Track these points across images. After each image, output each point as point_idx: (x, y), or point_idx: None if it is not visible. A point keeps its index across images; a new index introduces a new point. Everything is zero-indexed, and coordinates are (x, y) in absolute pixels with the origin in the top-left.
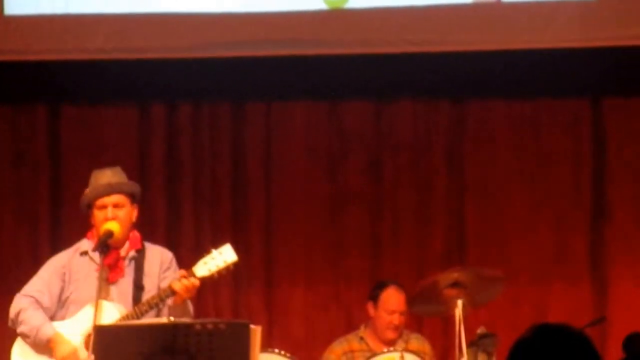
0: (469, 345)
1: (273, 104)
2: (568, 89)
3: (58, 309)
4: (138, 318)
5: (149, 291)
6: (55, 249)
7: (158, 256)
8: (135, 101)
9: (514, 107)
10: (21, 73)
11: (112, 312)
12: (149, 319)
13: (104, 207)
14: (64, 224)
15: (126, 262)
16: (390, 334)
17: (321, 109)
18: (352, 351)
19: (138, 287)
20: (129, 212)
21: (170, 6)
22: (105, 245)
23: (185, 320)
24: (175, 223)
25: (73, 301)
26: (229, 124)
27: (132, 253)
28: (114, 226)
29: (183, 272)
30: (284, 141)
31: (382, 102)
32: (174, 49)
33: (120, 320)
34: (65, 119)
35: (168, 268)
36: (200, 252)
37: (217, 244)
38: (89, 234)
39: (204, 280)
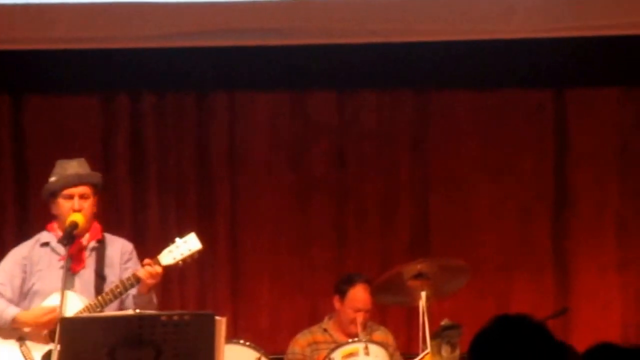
0: (433, 336)
1: (237, 93)
2: (531, 79)
3: (20, 300)
4: (102, 308)
5: (111, 282)
6: (22, 238)
7: (119, 247)
8: (99, 91)
9: (478, 97)
10: None
11: (76, 303)
12: (115, 311)
13: (71, 197)
14: (30, 213)
15: (87, 252)
16: (354, 329)
17: (285, 99)
18: (316, 342)
19: (100, 277)
20: (92, 203)
21: None
22: (71, 237)
23: (151, 311)
24: (140, 213)
25: (36, 292)
26: (193, 113)
27: (93, 243)
28: (78, 218)
29: (148, 260)
30: (248, 131)
31: (346, 92)
32: (138, 39)
33: (84, 310)
34: (29, 109)
35: (129, 259)
36: (166, 241)
37: (182, 234)
38: (49, 225)
39: (168, 268)
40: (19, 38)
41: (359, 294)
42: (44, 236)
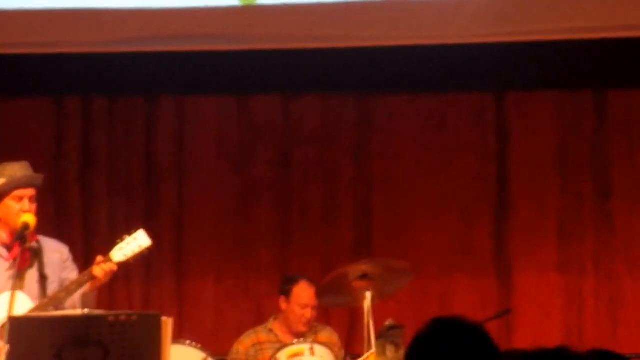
0: (377, 337)
1: (185, 98)
2: (473, 84)
3: None
4: (54, 307)
5: (53, 281)
6: None
7: (55, 247)
8: (51, 94)
9: (420, 102)
10: None
11: (26, 302)
12: (64, 311)
13: (21, 198)
14: None
15: (30, 253)
16: (302, 327)
17: (231, 103)
18: (260, 343)
19: (43, 277)
20: (36, 205)
21: (85, 2)
22: (23, 237)
23: (99, 311)
24: (90, 213)
25: None
26: (142, 117)
27: (34, 244)
28: (30, 218)
29: (100, 257)
30: (195, 134)
31: (290, 96)
32: (89, 44)
33: (36, 308)
34: None
35: (68, 259)
36: (114, 240)
37: (130, 233)
38: None
39: (119, 265)
40: None
41: (304, 291)
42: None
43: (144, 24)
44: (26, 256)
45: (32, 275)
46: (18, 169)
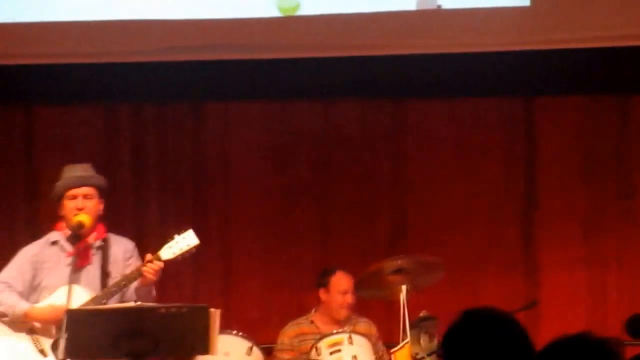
0: (411, 327)
1: (230, 104)
2: (503, 89)
3: (31, 294)
4: (107, 300)
5: (115, 277)
6: (31, 236)
7: (122, 245)
8: (103, 102)
9: (453, 106)
10: None
11: (82, 296)
12: (117, 303)
13: (75, 197)
14: (40, 215)
15: (93, 250)
16: (345, 312)
17: (274, 109)
18: (303, 334)
19: (105, 273)
20: (96, 204)
21: (136, 13)
22: (77, 236)
23: (151, 304)
24: (141, 214)
25: (45, 287)
26: (190, 122)
27: (99, 242)
28: (84, 218)
29: (149, 256)
30: (240, 138)
31: (329, 102)
32: (139, 53)
33: (89, 302)
34: (39, 119)
35: (131, 256)
36: (164, 239)
37: (180, 232)
38: (58, 225)
39: (168, 263)
40: (30, 53)
41: (341, 279)
42: (53, 235)
43: (191, 34)
44: (87, 253)
45: (92, 271)
46: (73, 170)
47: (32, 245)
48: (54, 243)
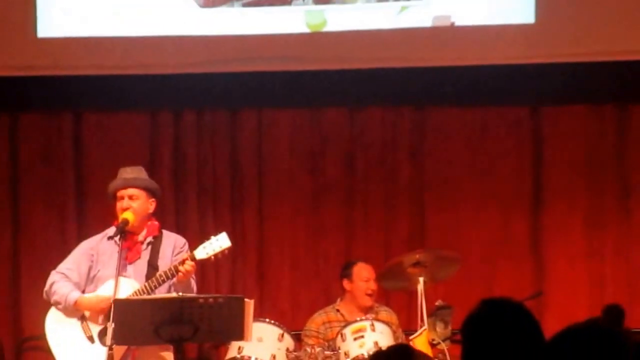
0: (429, 315)
1: (263, 111)
2: (512, 99)
3: (87, 284)
4: (150, 292)
5: (161, 271)
6: (81, 234)
7: (172, 242)
8: (147, 109)
9: (467, 113)
10: (50, 85)
11: (128, 287)
12: (160, 294)
13: (122, 198)
14: (87, 212)
15: (143, 246)
16: (368, 300)
17: (304, 115)
18: (329, 321)
19: (152, 267)
20: (144, 203)
21: (177, 29)
22: (123, 231)
23: (191, 294)
24: (181, 212)
25: (99, 278)
26: (227, 128)
27: (150, 239)
28: (129, 215)
29: (185, 255)
30: (272, 142)
31: (354, 109)
32: (180, 65)
33: (133, 294)
34: (87, 124)
35: (179, 252)
36: (204, 236)
37: (218, 230)
38: (115, 222)
39: (202, 262)
40: (80, 65)
41: (363, 269)
42: (110, 230)
43: (228, 48)
44: (137, 248)
45: (141, 265)
46: (124, 172)
47: (91, 239)
48: (110, 238)
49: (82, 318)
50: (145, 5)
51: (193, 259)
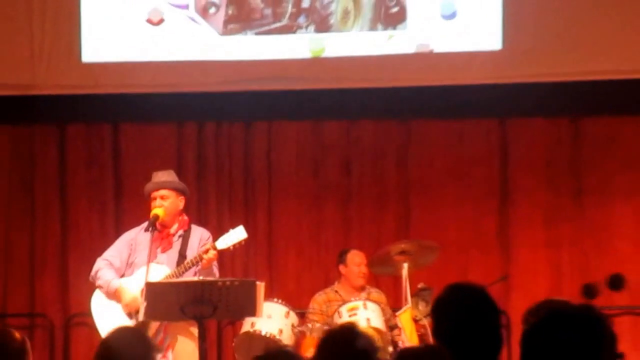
0: (412, 296)
1: (273, 123)
2: (483, 113)
3: (127, 269)
4: (178, 276)
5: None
6: (118, 226)
7: (199, 235)
8: (174, 122)
9: (445, 126)
10: (92, 102)
11: (161, 272)
12: (186, 278)
13: (154, 198)
14: (124, 209)
15: (175, 238)
16: (361, 281)
17: (307, 127)
18: (329, 301)
19: (182, 256)
20: (174, 202)
21: (200, 54)
22: (153, 225)
23: (210, 278)
24: (203, 209)
25: (136, 264)
26: (241, 138)
27: (180, 232)
28: (159, 211)
29: (208, 245)
30: (280, 150)
31: (350, 122)
32: (202, 85)
33: (165, 277)
34: (124, 135)
35: (205, 244)
36: (221, 229)
37: (233, 224)
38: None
39: (222, 251)
40: (118, 84)
41: (355, 255)
42: (146, 224)
43: (243, 70)
44: (170, 239)
45: (172, 254)
46: (157, 176)
47: (131, 231)
48: (146, 230)
49: (121, 304)
50: (172, 33)
51: (215, 248)
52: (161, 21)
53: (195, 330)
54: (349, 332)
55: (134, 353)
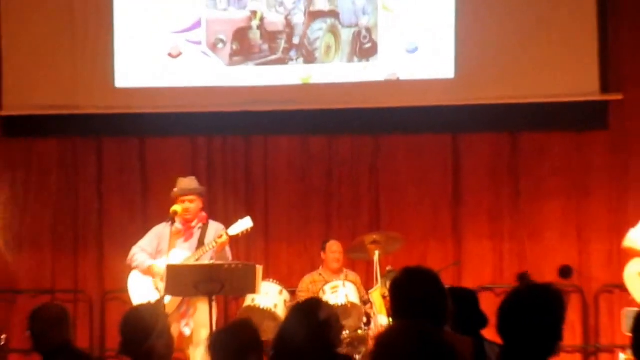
0: (382, 277)
1: (269, 137)
2: (439, 129)
3: (156, 255)
4: (197, 260)
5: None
6: (145, 221)
7: (215, 228)
8: (188, 135)
9: (408, 139)
10: (124, 120)
11: (183, 256)
12: (201, 262)
13: (183, 201)
14: (149, 207)
15: (195, 229)
16: (335, 264)
17: (297, 141)
18: (315, 282)
19: (201, 243)
20: (197, 204)
21: (210, 81)
22: (172, 219)
23: (219, 262)
24: (212, 206)
25: (163, 251)
26: (243, 149)
27: (200, 225)
28: (177, 208)
29: (222, 233)
30: (274, 159)
31: (332, 137)
32: (211, 105)
33: (185, 260)
34: (149, 146)
35: (220, 236)
36: (227, 223)
37: (237, 219)
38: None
39: (233, 238)
40: (145, 106)
41: (332, 244)
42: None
43: (245, 94)
44: (192, 231)
45: (193, 242)
46: (182, 183)
47: (159, 225)
48: (174, 225)
49: (153, 276)
50: (188, 64)
51: (227, 235)
52: (179, 54)
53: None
54: (313, 304)
55: (147, 324)
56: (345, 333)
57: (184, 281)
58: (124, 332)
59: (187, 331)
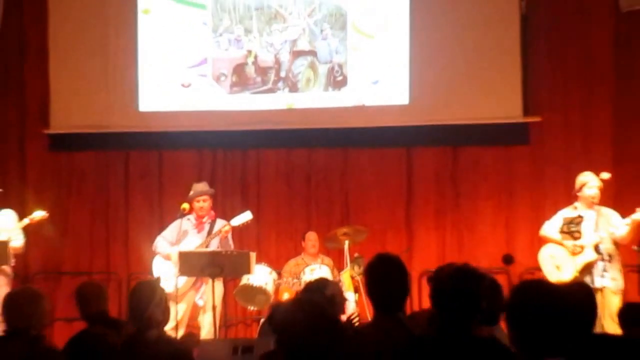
0: (351, 262)
1: (260, 150)
2: (396, 144)
3: (175, 244)
4: (206, 247)
5: (214, 237)
6: (161, 216)
7: (221, 222)
8: (195, 149)
9: (371, 152)
10: (146, 137)
11: (195, 242)
12: (206, 249)
13: (198, 202)
14: (164, 205)
15: (206, 224)
16: (312, 250)
17: (284, 153)
18: (297, 265)
19: (209, 234)
20: (209, 202)
21: (214, 105)
22: (183, 214)
23: (220, 249)
24: (215, 203)
25: (180, 240)
26: (240, 160)
27: (209, 220)
28: (186, 205)
29: (225, 223)
30: (265, 167)
31: (311, 150)
32: (215, 125)
33: (197, 247)
34: (165, 158)
35: (225, 225)
36: (228, 220)
37: (235, 215)
38: (191, 211)
39: (235, 228)
40: (164, 125)
41: (310, 235)
42: (188, 215)
43: (242, 116)
44: (203, 225)
45: (203, 233)
46: (197, 187)
47: (177, 220)
48: (188, 219)
49: (171, 261)
50: (197, 93)
51: (229, 224)
52: (190, 85)
53: (217, 282)
54: (321, 282)
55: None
56: None
57: (193, 264)
58: (130, 302)
59: (200, 302)
